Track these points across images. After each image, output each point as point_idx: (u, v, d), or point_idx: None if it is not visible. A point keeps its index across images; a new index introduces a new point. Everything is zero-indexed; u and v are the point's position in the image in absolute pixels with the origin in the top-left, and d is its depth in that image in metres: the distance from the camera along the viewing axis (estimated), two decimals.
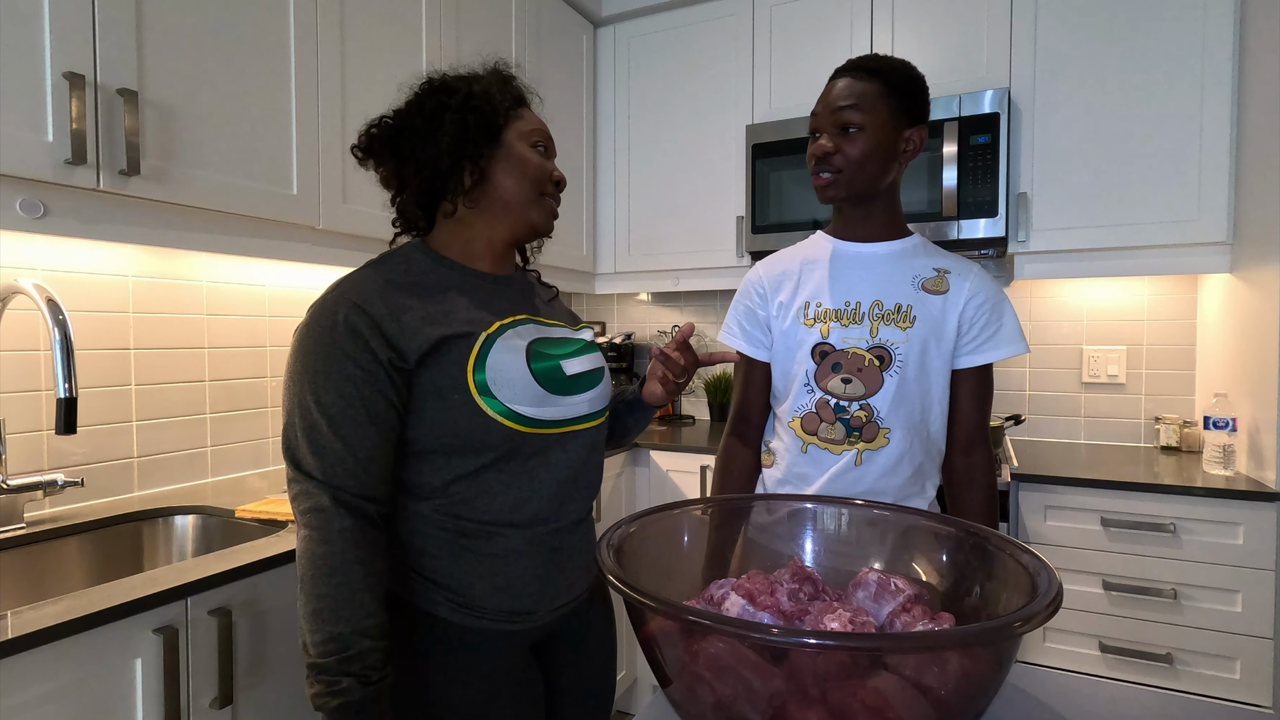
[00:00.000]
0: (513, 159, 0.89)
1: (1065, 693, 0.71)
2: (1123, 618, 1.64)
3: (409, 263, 0.88)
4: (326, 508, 0.75)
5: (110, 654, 0.86)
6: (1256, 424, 1.64)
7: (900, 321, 1.07)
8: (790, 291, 1.15)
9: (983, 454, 1.12)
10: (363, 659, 0.74)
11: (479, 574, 0.84)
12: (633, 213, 2.53)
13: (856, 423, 1.07)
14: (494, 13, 2.00)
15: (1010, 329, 1.09)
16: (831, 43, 2.17)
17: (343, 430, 0.76)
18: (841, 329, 1.09)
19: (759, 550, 0.82)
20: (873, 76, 1.04)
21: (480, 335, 0.84)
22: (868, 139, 1.04)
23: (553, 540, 0.89)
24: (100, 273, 1.39)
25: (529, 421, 0.84)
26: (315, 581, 0.74)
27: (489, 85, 0.91)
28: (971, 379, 1.10)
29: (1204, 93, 1.76)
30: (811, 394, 1.10)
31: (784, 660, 0.50)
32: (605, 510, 2.04)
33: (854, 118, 1.03)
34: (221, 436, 1.61)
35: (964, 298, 1.08)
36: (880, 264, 1.11)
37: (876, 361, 1.07)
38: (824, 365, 1.09)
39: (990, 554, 0.66)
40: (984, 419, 1.12)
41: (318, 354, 0.77)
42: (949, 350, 1.08)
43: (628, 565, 0.64)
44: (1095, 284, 2.17)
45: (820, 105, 1.07)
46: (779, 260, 1.20)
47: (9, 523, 1.18)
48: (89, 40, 1.07)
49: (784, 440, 1.15)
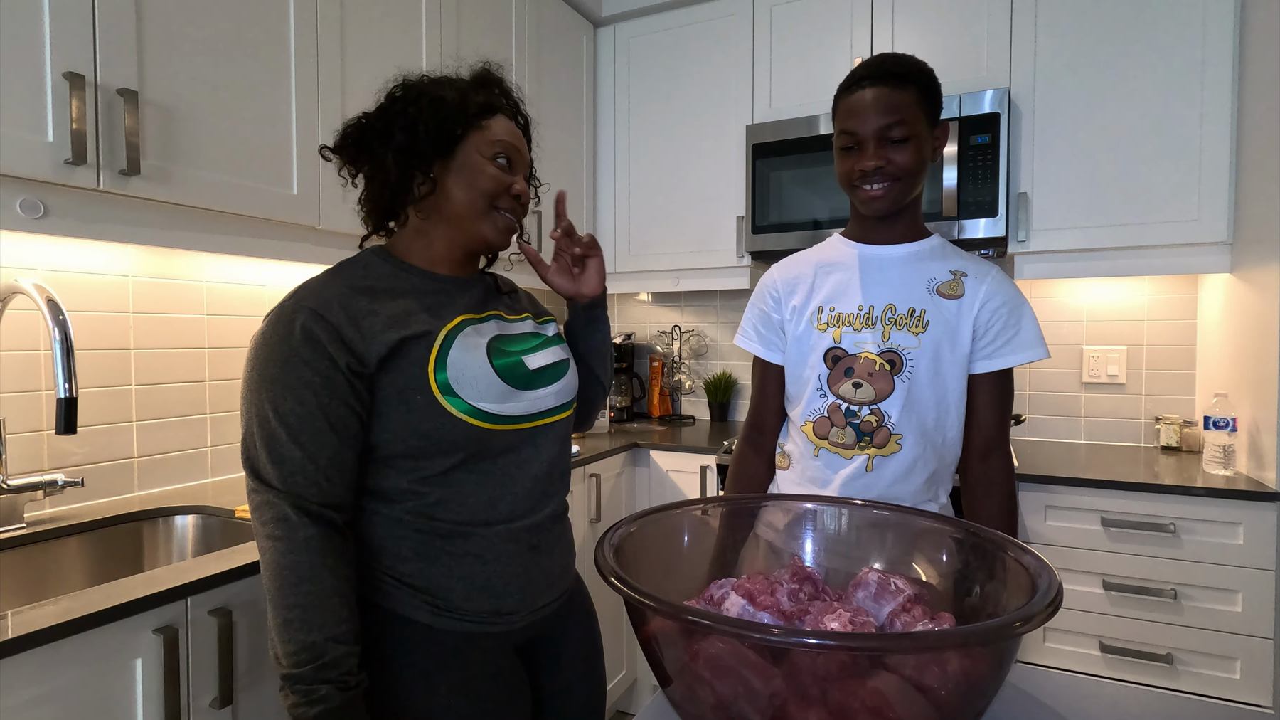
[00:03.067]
0: (465, 171, 0.87)
1: (1065, 693, 0.71)
2: (1123, 618, 1.64)
3: (368, 268, 0.87)
4: (289, 517, 0.74)
5: (110, 654, 0.86)
6: (1256, 424, 1.64)
7: (913, 326, 1.06)
8: (804, 295, 1.14)
9: (1001, 460, 1.09)
10: (338, 665, 0.73)
11: (457, 575, 0.83)
12: (633, 213, 2.53)
13: (867, 427, 1.06)
14: (494, 13, 2.00)
15: (1029, 333, 1.06)
16: (831, 43, 2.17)
17: (302, 438, 0.75)
18: (854, 333, 1.08)
19: (762, 551, 0.82)
20: (906, 84, 1.02)
21: (439, 334, 0.83)
22: (915, 148, 1.02)
23: (530, 537, 0.88)
24: (100, 273, 1.39)
25: (494, 418, 0.83)
26: (284, 592, 0.73)
27: (458, 91, 0.88)
28: (988, 384, 1.08)
29: (1204, 92, 1.76)
30: (824, 398, 1.09)
31: (784, 660, 0.50)
32: (605, 510, 2.04)
33: (901, 131, 1.01)
34: (221, 436, 1.61)
35: (979, 302, 1.05)
36: (895, 267, 1.10)
37: (888, 366, 1.05)
38: (836, 370, 1.08)
39: (990, 554, 0.66)
40: (1003, 425, 1.09)
41: (275, 362, 0.76)
42: (964, 355, 1.06)
43: (628, 565, 0.64)
44: (1095, 284, 2.17)
45: (855, 120, 1.02)
46: (794, 263, 1.19)
47: (9, 523, 1.18)
48: (89, 40, 1.07)
49: (798, 444, 1.15)
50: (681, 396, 2.81)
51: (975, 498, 1.10)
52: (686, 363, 2.76)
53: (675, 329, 2.74)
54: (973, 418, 1.09)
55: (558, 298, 2.92)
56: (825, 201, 2.09)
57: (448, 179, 0.87)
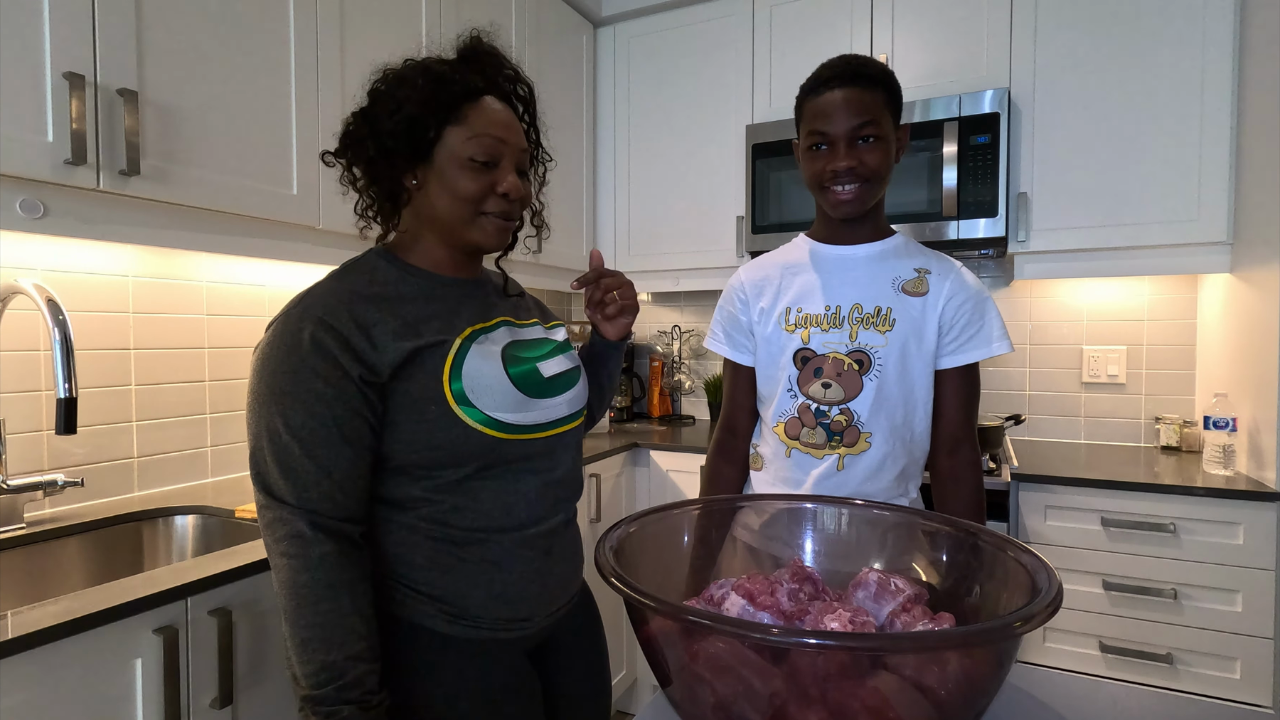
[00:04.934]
0: (443, 178, 0.82)
1: (1065, 693, 0.71)
2: (1123, 618, 1.64)
3: (374, 272, 0.85)
4: (304, 534, 0.72)
5: (110, 654, 0.86)
6: (1256, 424, 1.64)
7: (880, 325, 1.07)
8: (772, 297, 1.15)
9: (969, 453, 1.11)
10: (360, 684, 0.72)
11: (473, 583, 0.82)
12: (633, 213, 2.53)
13: (837, 427, 1.08)
14: (494, 13, 2.00)
15: (993, 328, 1.08)
16: (831, 42, 2.17)
17: (316, 452, 0.73)
18: (822, 334, 1.09)
19: (755, 552, 0.82)
20: (875, 85, 1.03)
21: (454, 343, 0.82)
22: (884, 148, 1.03)
23: (544, 543, 0.87)
24: (100, 273, 1.39)
25: (510, 428, 0.82)
26: (301, 611, 0.71)
27: (433, 80, 0.81)
28: (955, 379, 1.09)
29: (1204, 93, 1.76)
30: (794, 399, 1.10)
31: (784, 660, 0.50)
32: (605, 510, 2.04)
33: (871, 131, 1.02)
34: (221, 436, 1.61)
35: (943, 299, 1.07)
36: (861, 267, 1.11)
37: (856, 366, 1.07)
38: (805, 370, 1.09)
39: (990, 554, 0.66)
40: (970, 419, 1.11)
41: (284, 373, 0.74)
42: (931, 352, 1.08)
43: (628, 565, 0.64)
44: (1095, 284, 2.17)
45: (826, 120, 1.03)
46: (760, 265, 1.20)
47: (9, 523, 1.18)
48: (89, 40, 1.07)
49: (770, 444, 1.16)
50: (681, 396, 2.81)
51: (944, 491, 1.12)
52: (686, 363, 2.76)
53: (675, 329, 2.74)
54: (940, 412, 1.11)
55: (556, 298, 2.93)
56: None
57: (429, 184, 0.83)
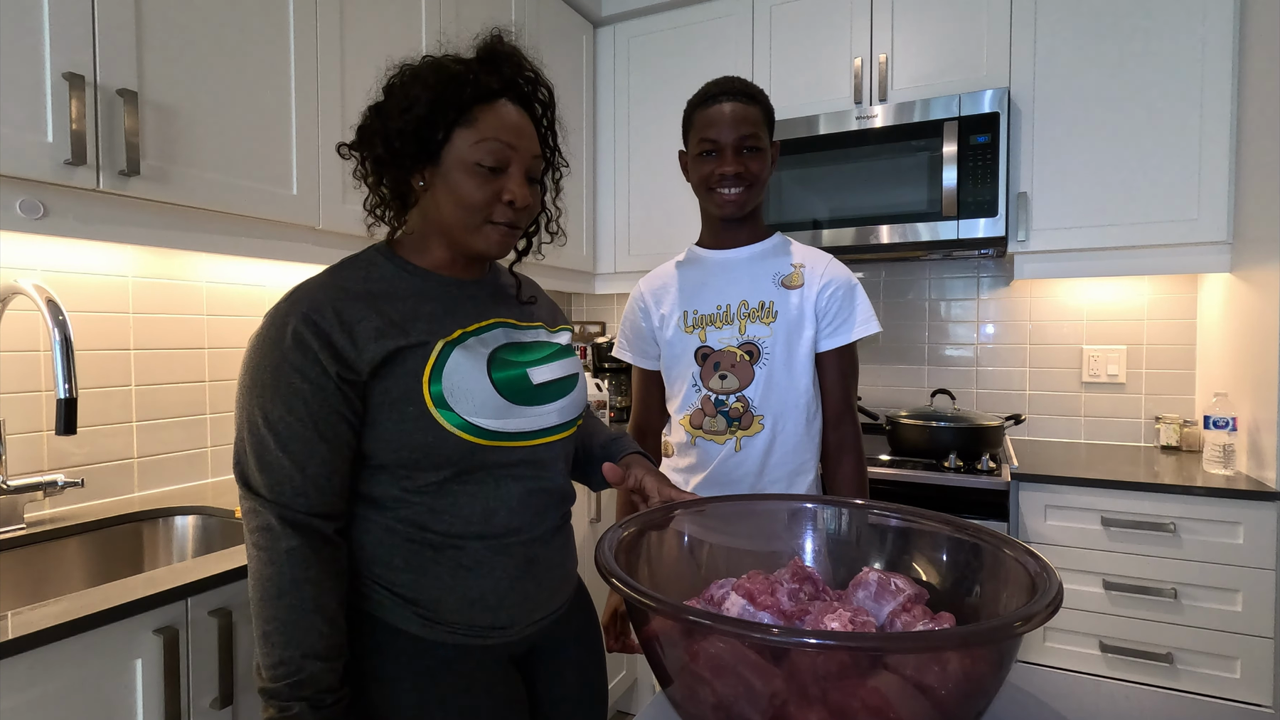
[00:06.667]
0: (451, 183, 0.81)
1: (1065, 692, 0.71)
2: (1123, 617, 1.64)
3: (370, 268, 0.84)
4: (273, 527, 0.73)
5: (110, 654, 0.86)
6: (1256, 423, 1.64)
7: (764, 317, 1.20)
8: (671, 304, 1.27)
9: (851, 426, 1.23)
10: (315, 683, 0.72)
11: (447, 587, 0.80)
12: (633, 213, 2.52)
13: (734, 413, 1.20)
14: (493, 13, 2.00)
15: (862, 312, 1.21)
16: (831, 43, 2.17)
17: (290, 447, 0.73)
18: (716, 331, 1.22)
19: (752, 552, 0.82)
20: (755, 102, 1.18)
21: (437, 344, 0.80)
22: (763, 157, 1.18)
23: (527, 551, 0.85)
24: (100, 273, 1.39)
25: (489, 434, 0.80)
26: (264, 604, 0.72)
27: (447, 80, 0.80)
28: (834, 360, 1.21)
29: (1204, 93, 1.76)
30: (698, 392, 1.23)
31: (784, 660, 0.50)
32: (605, 510, 2.04)
33: (754, 141, 1.16)
34: (221, 437, 1.61)
35: (816, 289, 1.20)
36: (744, 267, 1.24)
37: (747, 356, 1.19)
38: (706, 366, 1.22)
39: (990, 554, 0.66)
40: (849, 395, 1.24)
41: (266, 367, 0.74)
42: (811, 337, 1.20)
43: (628, 565, 0.64)
44: (1095, 284, 2.17)
45: (716, 129, 1.16)
46: (658, 275, 1.32)
47: (9, 523, 1.18)
48: (89, 40, 1.07)
49: (677, 434, 1.28)
50: None
51: (831, 461, 1.25)
52: None
53: None
54: (826, 392, 1.24)
55: (562, 299, 2.93)
56: (825, 201, 2.09)
57: (436, 187, 0.82)
